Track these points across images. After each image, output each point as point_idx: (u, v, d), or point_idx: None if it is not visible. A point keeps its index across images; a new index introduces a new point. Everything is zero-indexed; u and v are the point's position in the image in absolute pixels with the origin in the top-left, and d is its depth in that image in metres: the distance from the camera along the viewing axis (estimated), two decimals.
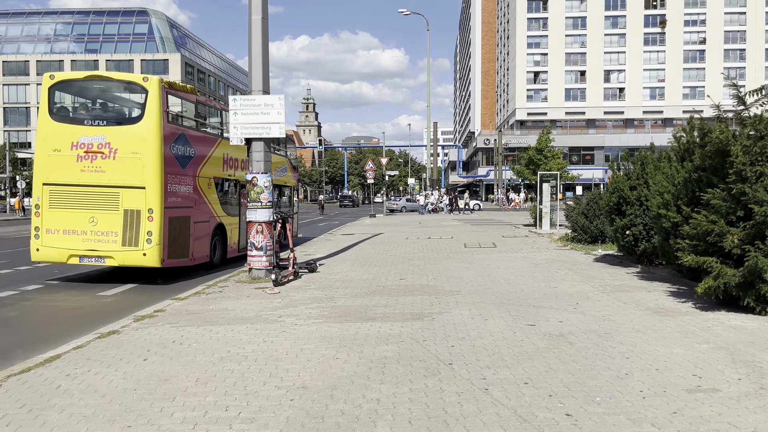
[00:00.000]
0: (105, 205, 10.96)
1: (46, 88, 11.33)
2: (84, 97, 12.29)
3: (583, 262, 13.10)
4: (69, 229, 11.06)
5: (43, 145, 11.23)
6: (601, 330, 6.70)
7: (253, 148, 11.28)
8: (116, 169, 10.88)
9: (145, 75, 11.55)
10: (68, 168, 11.00)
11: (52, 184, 11.15)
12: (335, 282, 10.70)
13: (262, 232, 11.13)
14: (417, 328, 6.96)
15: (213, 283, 10.84)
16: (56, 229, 11.12)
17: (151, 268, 11.36)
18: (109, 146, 10.91)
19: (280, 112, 11.11)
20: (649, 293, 8.98)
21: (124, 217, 10.91)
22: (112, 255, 11.00)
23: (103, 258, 11.07)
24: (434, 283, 10.39)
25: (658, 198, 9.16)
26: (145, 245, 10.86)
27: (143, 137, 10.89)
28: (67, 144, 11.01)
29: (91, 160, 10.93)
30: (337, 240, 20.07)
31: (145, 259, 10.92)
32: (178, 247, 11.65)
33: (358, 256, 15.11)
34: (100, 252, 10.97)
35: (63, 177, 11.06)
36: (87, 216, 10.98)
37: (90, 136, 10.97)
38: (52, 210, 11.15)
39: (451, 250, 16.01)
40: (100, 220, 10.96)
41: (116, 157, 10.90)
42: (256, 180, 11.13)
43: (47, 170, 11.19)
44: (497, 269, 12.07)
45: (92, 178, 10.95)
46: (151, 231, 10.87)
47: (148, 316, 7.97)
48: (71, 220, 11.03)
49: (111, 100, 12.55)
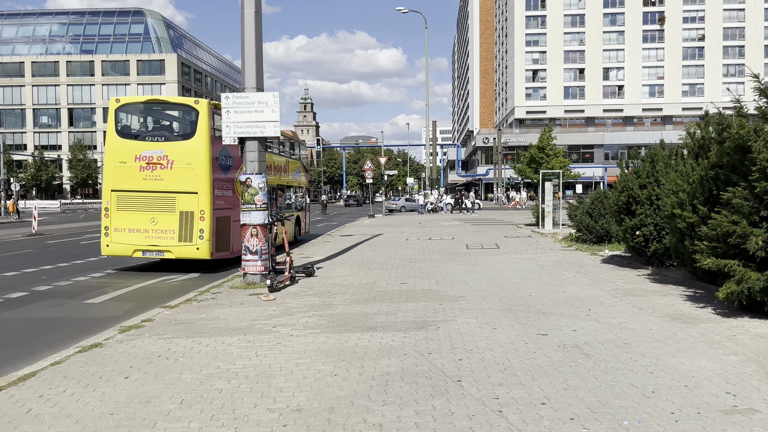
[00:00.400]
0: (164, 208, 12.85)
1: (112, 110, 13.30)
2: (145, 117, 14.42)
3: (591, 263, 12.64)
4: (133, 228, 12.94)
5: (111, 158, 13.15)
6: (618, 340, 6.24)
7: (247, 147, 10.81)
8: (173, 178, 12.73)
9: (197, 98, 13.55)
10: (132, 177, 12.88)
11: (119, 191, 13.05)
12: (333, 287, 10.23)
13: (256, 235, 10.67)
14: (421, 338, 6.50)
15: (206, 289, 10.38)
16: (123, 228, 13.03)
17: (201, 260, 13.20)
18: (166, 158, 12.78)
19: (274, 110, 10.65)
20: (664, 297, 8.53)
21: (180, 218, 12.76)
22: (170, 249, 12.86)
23: (162, 252, 12.95)
24: (437, 287, 9.93)
25: (672, 197, 8.71)
26: (198, 241, 12.76)
27: (195, 150, 12.77)
28: (131, 157, 12.89)
29: (151, 170, 12.81)
30: (336, 241, 19.61)
31: (198, 252, 12.79)
32: (222, 242, 13.37)
33: (357, 258, 14.66)
34: (160, 247, 12.82)
35: (128, 184, 12.94)
36: (149, 217, 12.89)
37: (150, 150, 12.87)
38: (119, 212, 13.08)
39: (453, 252, 15.56)
40: (160, 221, 12.83)
41: (173, 167, 12.75)
42: (250, 181, 10.67)
43: (114, 179, 13.10)
44: (502, 272, 11.61)
45: (153, 185, 12.80)
46: (202, 229, 12.75)
47: (134, 327, 7.51)
48: (135, 220, 12.92)
49: (167, 119, 14.84)
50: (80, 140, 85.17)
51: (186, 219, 12.75)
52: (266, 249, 10.77)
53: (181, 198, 12.74)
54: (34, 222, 25.24)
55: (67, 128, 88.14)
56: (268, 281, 9.80)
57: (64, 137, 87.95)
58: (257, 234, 10.66)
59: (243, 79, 10.90)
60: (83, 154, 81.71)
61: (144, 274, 13.17)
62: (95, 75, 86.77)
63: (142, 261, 14.83)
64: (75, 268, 14.11)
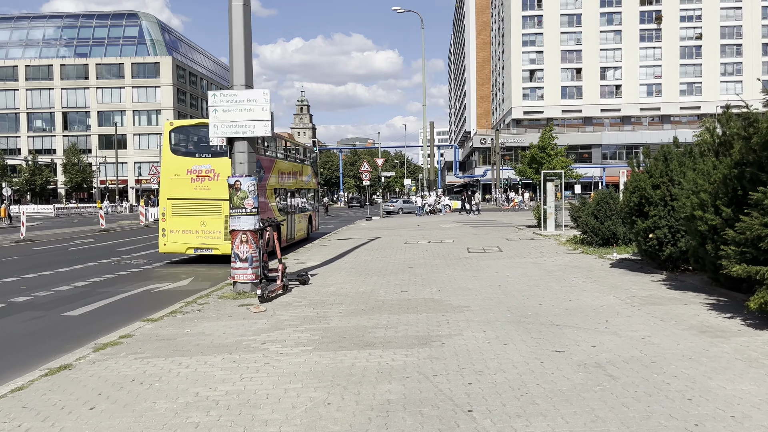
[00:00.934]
0: (211, 212, 14.90)
1: (166, 131, 15.49)
2: (194, 138, 16.23)
3: (600, 267, 12.02)
4: (186, 230, 14.98)
5: (167, 171, 15.22)
6: (645, 358, 5.61)
7: (236, 148, 10.17)
8: (218, 188, 14.40)
9: None
10: (185, 187, 14.94)
11: (173, 199, 15.05)
12: (329, 296, 9.59)
13: (247, 241, 10.03)
14: (424, 357, 5.87)
15: (193, 299, 9.74)
16: (177, 229, 15.05)
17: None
18: (213, 172, 14.82)
19: (265, 108, 10.02)
20: (686, 307, 7.90)
21: (225, 221, 14.30)
22: (217, 247, 14.91)
23: (210, 249, 14.98)
24: (439, 296, 9.30)
25: (693, 198, 8.09)
26: None
27: None
28: (183, 170, 15.00)
29: (201, 181, 14.90)
30: (332, 246, 18.97)
31: None
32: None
33: (354, 263, 14.03)
34: (209, 245, 14.83)
35: (181, 193, 15.00)
36: (199, 220, 15.00)
37: (200, 165, 15.00)
38: (174, 216, 15.05)
39: (454, 256, 14.93)
40: (208, 223, 14.96)
41: (218, 179, 14.56)
42: (239, 184, 10.03)
43: (169, 189, 15.10)
44: (507, 278, 10.98)
45: (202, 194, 14.89)
46: None
47: (111, 344, 6.87)
48: (187, 223, 14.97)
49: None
50: (75, 144, 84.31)
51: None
52: (257, 256, 10.14)
53: (225, 204, 13.90)
54: (22, 228, 24.54)
55: (61, 132, 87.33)
56: (259, 291, 9.16)
57: (59, 141, 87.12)
58: (247, 240, 10.02)
59: (231, 76, 10.26)
60: (78, 158, 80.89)
61: (131, 282, 12.52)
62: (89, 78, 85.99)
63: (134, 268, 14.91)
64: (58, 277, 13.45)
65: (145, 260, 16.63)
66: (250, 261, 10.04)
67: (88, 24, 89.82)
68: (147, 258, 17.15)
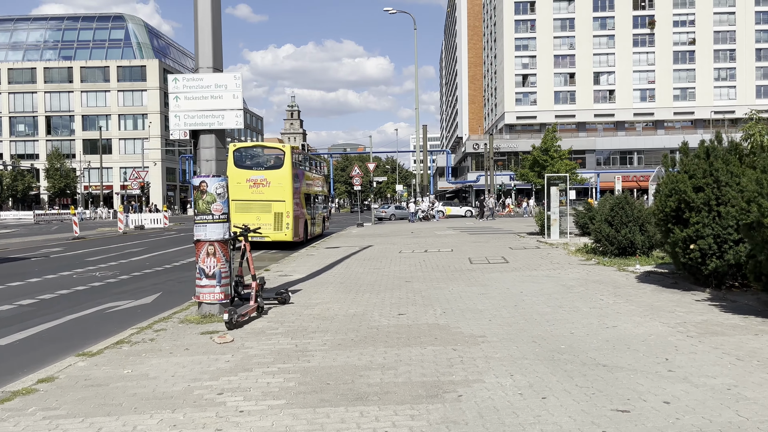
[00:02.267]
0: (264, 210, 20.01)
1: (231, 151, 20.33)
2: (251, 155, 21.96)
3: (626, 283, 10.46)
4: (245, 223, 18.64)
5: (232, 180, 19.33)
6: (750, 426, 4.02)
7: (201, 143, 8.53)
8: (270, 192, 20.12)
9: (284, 144, 22.23)
10: (244, 191, 19.77)
11: (236, 200, 17.50)
12: (312, 320, 7.96)
13: (214, 254, 8.38)
14: (437, 421, 4.24)
15: (148, 324, 8.07)
16: (238, 223, 19.62)
17: (289, 242, 20.50)
18: (266, 180, 20.27)
19: (236, 95, 8.41)
20: (758, 338, 6.32)
21: (274, 216, 20.11)
22: (269, 235, 19.13)
23: (263, 237, 17.76)
24: (446, 321, 7.69)
25: (761, 200, 6.53)
26: (285, 230, 20.24)
27: (284, 176, 20.43)
28: (243, 179, 20.03)
29: (256, 188, 20.15)
30: (320, 255, 17.34)
31: (285, 237, 20.23)
32: (297, 231, 20.99)
33: (343, 276, 12.40)
34: (262, 234, 16.64)
35: (242, 196, 19.42)
36: (255, 216, 19.27)
37: (256, 175, 20.41)
38: (236, 213, 17.53)
39: (456, 268, 13.33)
40: (262, 218, 19.38)
41: (270, 186, 20.18)
42: (204, 185, 8.39)
43: (233, 193, 18.63)
44: (522, 296, 9.39)
45: (257, 196, 20.07)
46: (288, 223, 20.24)
47: (22, 393, 5.21)
48: (246, 218, 17.94)
49: (266, 156, 22.24)
50: (58, 149, 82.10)
51: (278, 217, 20.33)
52: (227, 271, 8.49)
53: (275, 204, 20.26)
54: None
55: (44, 136, 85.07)
56: (226, 315, 7.49)
57: (42, 146, 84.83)
58: (215, 252, 8.37)
59: (196, 58, 8.62)
60: (61, 162, 78.64)
61: (88, 300, 10.81)
62: (74, 81, 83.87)
63: (96, 281, 13.14)
64: (5, 293, 11.72)
65: (111, 272, 14.93)
66: (218, 277, 8.40)
67: (73, 26, 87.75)
68: (115, 270, 15.45)
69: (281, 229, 20.15)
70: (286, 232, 20.22)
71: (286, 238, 20.20)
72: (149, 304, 10.55)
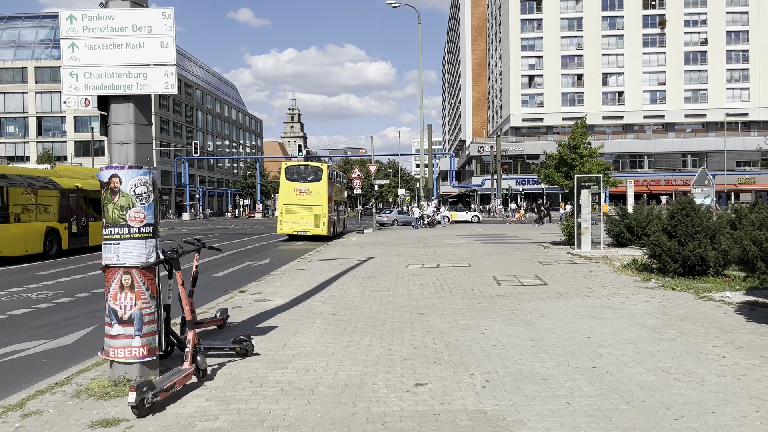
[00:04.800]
0: (306, 212, 26.49)
1: (283, 168, 27.94)
2: (298, 171, 28.30)
3: (730, 322, 7.47)
4: (292, 221, 26.55)
5: (282, 189, 27.39)
6: None
7: (113, 116, 5.58)
8: (311, 199, 26.66)
9: (322, 163, 30.88)
10: (292, 198, 26.77)
11: (286, 204, 26.67)
12: (278, 398, 4.98)
13: (131, 287, 5.42)
14: None
15: (19, 401, 5.10)
16: (287, 221, 26.64)
17: (324, 236, 26.76)
18: (308, 190, 26.86)
19: (166, 43, 5.47)
20: None
21: (314, 217, 26.41)
22: (310, 231, 26.30)
23: (306, 232, 26.23)
24: (495, 405, 4.70)
25: None
26: (322, 227, 26.51)
27: (322, 187, 27.13)
28: (292, 189, 27.01)
29: (301, 195, 26.72)
30: (312, 269, 14.38)
31: (321, 232, 26.48)
32: (330, 229, 27.30)
33: (336, 303, 9.43)
34: (305, 230, 26.28)
35: (290, 201, 26.73)
36: (299, 216, 26.40)
37: (301, 186, 27.06)
38: (286, 213, 26.55)
39: (482, 293, 10.35)
40: (304, 218, 26.39)
41: (311, 194, 26.75)
42: (116, 182, 5.42)
43: (284, 199, 27.10)
44: (595, 346, 6.41)
45: (302, 202, 26.62)
46: (324, 222, 26.55)
47: None
48: (293, 217, 26.39)
49: (309, 171, 28.28)
50: (49, 151, 79.23)
51: (317, 217, 26.30)
52: (152, 312, 5.53)
53: (315, 208, 26.46)
54: None
55: (35, 138, 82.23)
56: (133, 396, 4.49)
57: (32, 148, 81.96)
58: (131, 285, 5.41)
59: None
60: (52, 165, 75.82)
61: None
62: None
63: (24, 308, 10.03)
64: None
65: (53, 292, 12.02)
66: (138, 322, 5.43)
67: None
68: (62, 288, 12.56)
69: (319, 227, 26.28)
70: (323, 229, 26.33)
71: (322, 233, 26.36)
72: (68, 346, 7.64)
